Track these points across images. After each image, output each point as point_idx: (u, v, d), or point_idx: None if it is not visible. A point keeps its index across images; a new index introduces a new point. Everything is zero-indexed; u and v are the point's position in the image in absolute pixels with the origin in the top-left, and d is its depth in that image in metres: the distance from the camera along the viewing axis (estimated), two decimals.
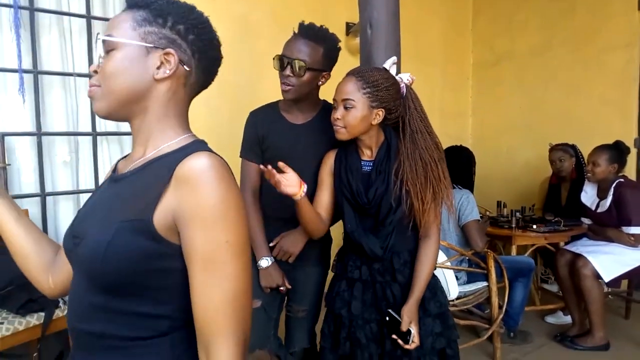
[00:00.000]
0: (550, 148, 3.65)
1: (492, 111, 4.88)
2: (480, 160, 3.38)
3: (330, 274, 1.85)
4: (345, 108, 1.54)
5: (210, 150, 0.85)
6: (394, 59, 1.64)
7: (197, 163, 0.79)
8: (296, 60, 1.67)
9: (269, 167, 1.50)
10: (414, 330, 1.51)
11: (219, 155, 0.85)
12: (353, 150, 1.65)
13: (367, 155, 1.64)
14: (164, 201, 0.80)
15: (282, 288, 1.82)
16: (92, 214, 0.90)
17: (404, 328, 1.51)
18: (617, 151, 3.07)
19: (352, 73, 1.58)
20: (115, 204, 0.85)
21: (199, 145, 0.88)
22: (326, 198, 1.70)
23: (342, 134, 1.58)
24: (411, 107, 1.60)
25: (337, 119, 1.56)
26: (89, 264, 0.82)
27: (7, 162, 2.63)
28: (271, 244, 1.83)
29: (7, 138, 2.65)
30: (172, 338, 0.83)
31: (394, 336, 1.53)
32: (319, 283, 1.87)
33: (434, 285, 1.67)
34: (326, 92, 1.82)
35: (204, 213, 0.77)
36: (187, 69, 0.89)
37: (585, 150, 3.26)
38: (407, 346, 1.51)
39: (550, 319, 3.44)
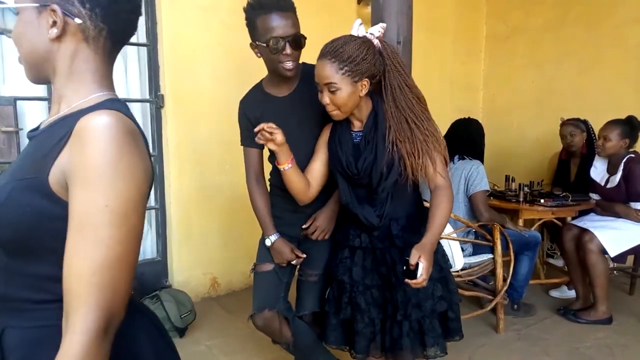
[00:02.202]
0: (562, 123, 3.61)
1: (504, 85, 4.82)
2: (490, 135, 3.35)
3: None
4: (330, 91, 1.52)
5: (121, 111, 0.80)
6: (358, 21, 1.58)
7: (94, 120, 0.75)
8: (297, 36, 1.67)
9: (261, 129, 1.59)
10: (422, 264, 1.41)
11: (129, 118, 0.80)
12: (344, 122, 1.66)
13: (357, 126, 1.65)
14: (60, 158, 0.76)
15: (293, 262, 1.89)
16: (5, 172, 0.88)
17: (412, 261, 1.41)
18: (629, 126, 3.03)
19: (324, 55, 1.52)
20: (21, 162, 0.83)
21: (109, 104, 0.82)
22: (317, 167, 1.72)
23: (338, 116, 1.58)
24: (388, 63, 1.56)
25: (327, 104, 1.55)
26: None
27: (19, 127, 2.66)
28: (304, 226, 1.89)
29: (18, 102, 2.67)
30: None
31: (406, 280, 1.43)
32: (331, 249, 1.91)
33: (435, 250, 1.68)
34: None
35: (86, 172, 0.73)
36: (79, 21, 0.83)
37: (597, 127, 3.23)
38: (414, 281, 1.40)
39: (554, 293, 3.47)
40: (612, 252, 2.91)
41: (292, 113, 1.81)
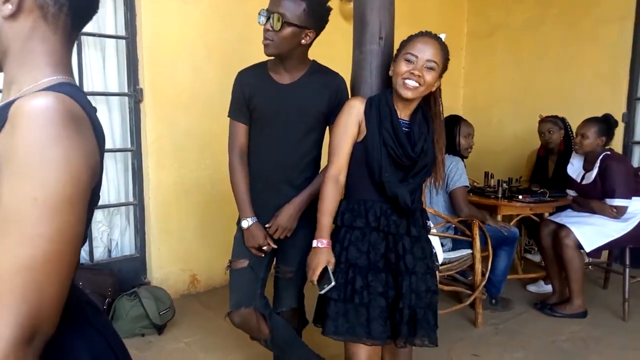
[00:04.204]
0: (540, 120, 3.67)
1: (484, 82, 4.87)
2: None
3: None
4: (428, 68, 1.57)
5: (68, 94, 0.71)
6: (443, 35, 1.68)
7: (30, 102, 0.66)
8: (275, 14, 1.65)
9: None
10: None
11: (78, 103, 0.71)
12: (391, 107, 1.64)
13: (404, 115, 1.67)
14: None
15: (264, 248, 1.84)
16: None
17: None
18: (606, 124, 3.09)
19: (434, 37, 1.60)
20: None
21: (58, 87, 0.73)
22: (348, 151, 1.66)
23: (413, 92, 1.58)
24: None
25: (419, 75, 1.56)
26: None
27: None
28: (267, 225, 1.85)
29: None
30: None
31: None
32: (308, 244, 1.87)
33: (429, 245, 1.73)
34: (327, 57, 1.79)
35: (15, 159, 0.64)
36: None
37: (575, 124, 3.28)
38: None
39: (531, 288, 3.53)
40: (588, 247, 2.97)
41: (287, 102, 1.78)
